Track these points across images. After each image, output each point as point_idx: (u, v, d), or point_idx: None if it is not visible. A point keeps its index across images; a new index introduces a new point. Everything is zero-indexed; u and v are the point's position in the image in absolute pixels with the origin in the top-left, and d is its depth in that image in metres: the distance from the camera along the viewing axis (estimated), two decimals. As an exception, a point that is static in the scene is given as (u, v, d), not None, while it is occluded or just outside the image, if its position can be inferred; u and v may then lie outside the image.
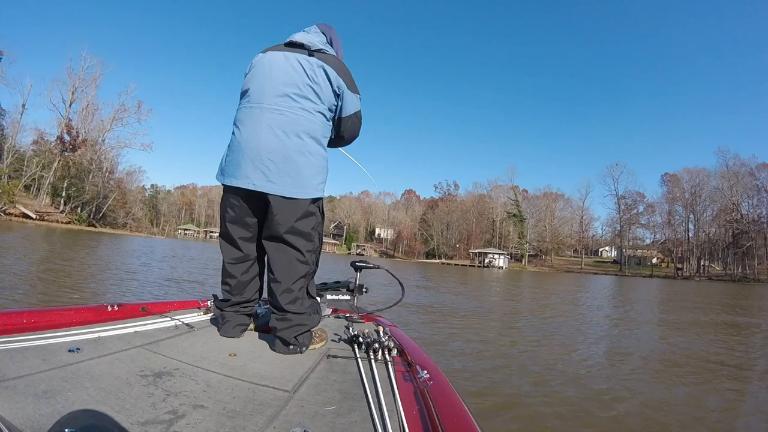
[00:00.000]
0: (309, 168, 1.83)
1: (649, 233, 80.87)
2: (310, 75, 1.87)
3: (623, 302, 15.57)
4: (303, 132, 1.83)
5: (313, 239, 1.89)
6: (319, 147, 1.89)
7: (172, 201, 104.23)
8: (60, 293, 6.59)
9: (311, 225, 1.87)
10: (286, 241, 1.81)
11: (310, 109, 1.86)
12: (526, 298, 14.81)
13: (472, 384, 3.83)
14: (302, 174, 1.81)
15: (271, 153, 1.79)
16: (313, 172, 1.85)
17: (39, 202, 49.16)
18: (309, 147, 1.84)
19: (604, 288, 25.26)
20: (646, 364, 5.20)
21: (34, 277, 7.83)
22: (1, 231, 22.43)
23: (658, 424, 3.22)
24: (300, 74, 1.87)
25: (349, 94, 1.97)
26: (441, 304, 10.08)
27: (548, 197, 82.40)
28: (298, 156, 1.81)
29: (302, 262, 1.84)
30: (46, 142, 54.18)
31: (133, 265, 12.78)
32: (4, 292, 5.96)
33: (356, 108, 2.04)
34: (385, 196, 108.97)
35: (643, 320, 10.09)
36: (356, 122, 2.08)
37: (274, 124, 1.81)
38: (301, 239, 1.83)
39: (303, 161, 1.82)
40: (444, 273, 31.32)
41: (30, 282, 7.17)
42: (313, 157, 1.85)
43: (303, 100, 1.85)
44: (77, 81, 55.23)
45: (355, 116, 2.06)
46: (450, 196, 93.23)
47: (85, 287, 7.47)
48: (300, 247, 1.82)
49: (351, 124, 2.07)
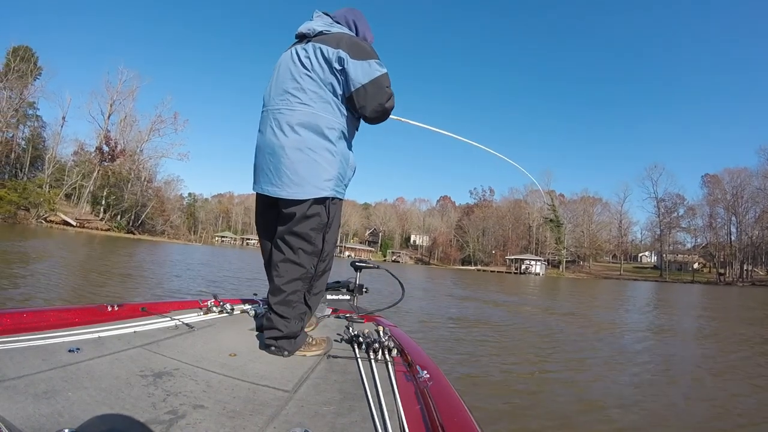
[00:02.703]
0: (307, 165, 1.69)
1: (690, 237, 75.52)
2: (305, 63, 1.75)
3: (680, 312, 13.68)
4: (301, 126, 1.71)
5: (313, 242, 1.73)
6: (322, 140, 1.72)
7: (209, 209, 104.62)
8: (105, 291, 7.14)
9: (310, 226, 1.71)
10: (284, 240, 1.74)
11: (309, 101, 1.73)
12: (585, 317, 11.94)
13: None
14: (299, 172, 1.69)
15: (272, 154, 1.73)
16: (313, 169, 1.69)
17: (79, 210, 49.72)
18: (307, 142, 1.70)
19: (651, 296, 23.13)
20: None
21: (85, 276, 8.80)
22: (43, 237, 22.79)
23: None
24: (297, 66, 1.77)
25: (353, 63, 1.71)
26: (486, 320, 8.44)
27: (585, 201, 78.01)
28: (295, 153, 1.69)
29: (295, 263, 1.72)
30: (85, 152, 55.11)
31: (177, 268, 13.81)
32: (58, 289, 6.64)
33: (369, 76, 1.73)
34: (420, 202, 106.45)
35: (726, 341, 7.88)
36: (375, 91, 1.74)
37: (274, 124, 1.74)
38: (298, 240, 1.71)
39: (300, 158, 1.69)
40: (480, 280, 29.30)
41: (87, 280, 8.14)
42: (314, 153, 1.70)
43: (300, 92, 1.73)
44: (115, 94, 56.56)
45: (371, 84, 1.73)
46: (485, 201, 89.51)
47: (124, 287, 8.06)
48: (294, 248, 1.72)
49: (367, 96, 1.74)
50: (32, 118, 55.03)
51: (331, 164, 1.73)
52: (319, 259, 1.79)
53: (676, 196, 74.64)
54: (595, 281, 50.77)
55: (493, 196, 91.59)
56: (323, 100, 1.74)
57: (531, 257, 71.27)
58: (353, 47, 1.74)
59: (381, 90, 1.76)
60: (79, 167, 52.66)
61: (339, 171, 1.77)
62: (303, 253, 1.72)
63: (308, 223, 1.71)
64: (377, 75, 1.75)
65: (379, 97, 1.77)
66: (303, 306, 1.77)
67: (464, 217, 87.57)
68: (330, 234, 1.80)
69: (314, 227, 1.72)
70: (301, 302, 1.76)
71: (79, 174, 51.58)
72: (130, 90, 57.62)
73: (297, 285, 1.73)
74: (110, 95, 56.12)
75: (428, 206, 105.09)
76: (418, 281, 22.31)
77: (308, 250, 1.73)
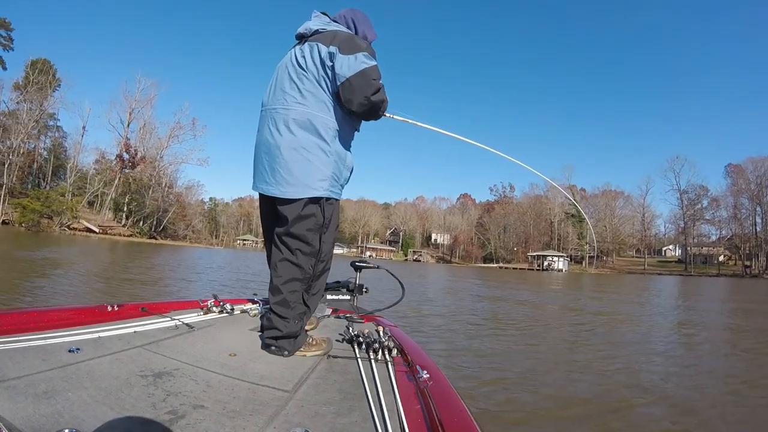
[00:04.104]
0: (301, 164, 1.68)
1: (715, 229, 72.44)
2: (301, 63, 1.74)
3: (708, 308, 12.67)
4: (296, 125, 1.69)
5: (310, 242, 1.71)
6: (316, 139, 1.70)
7: (230, 213, 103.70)
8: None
9: (306, 227, 1.70)
10: (281, 240, 1.72)
11: (304, 100, 1.71)
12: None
13: None
14: (293, 171, 1.68)
15: (268, 153, 1.74)
16: (306, 169, 1.68)
17: (102, 217, 49.76)
18: (302, 141, 1.69)
19: (677, 290, 22.23)
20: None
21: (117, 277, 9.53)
22: (67, 244, 22.48)
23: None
24: (294, 66, 1.76)
25: (340, 57, 1.67)
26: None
27: (607, 195, 74.74)
28: (290, 152, 1.69)
29: (293, 263, 1.70)
30: (106, 160, 55.28)
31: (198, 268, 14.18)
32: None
33: (353, 69, 1.67)
34: (441, 201, 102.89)
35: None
36: (361, 84, 1.67)
37: (271, 123, 1.74)
38: (295, 241, 1.70)
39: (294, 157, 1.68)
40: (502, 278, 28.36)
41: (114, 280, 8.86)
42: (308, 152, 1.69)
43: (296, 92, 1.72)
44: (133, 102, 56.53)
45: (357, 77, 1.66)
46: (506, 198, 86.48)
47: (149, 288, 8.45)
48: (292, 249, 1.70)
49: (352, 89, 1.67)
50: (53, 129, 55.99)
51: (325, 164, 1.70)
52: (318, 260, 1.75)
53: (699, 188, 71.52)
54: (619, 276, 48.90)
55: (513, 192, 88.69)
56: (318, 99, 1.71)
57: (553, 253, 68.93)
58: (344, 42, 1.70)
59: (367, 83, 1.67)
60: (101, 175, 52.84)
61: (334, 171, 1.73)
62: (301, 254, 1.70)
63: (304, 223, 1.69)
64: (363, 67, 1.66)
65: (365, 90, 1.67)
66: (302, 306, 1.74)
67: (485, 214, 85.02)
68: (327, 235, 1.77)
69: (310, 228, 1.70)
70: (300, 302, 1.72)
71: (100, 182, 51.77)
72: (148, 98, 57.64)
73: (295, 285, 1.70)
74: (129, 104, 56.28)
75: (448, 204, 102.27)
76: (440, 281, 21.45)
77: (306, 251, 1.70)
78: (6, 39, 51.45)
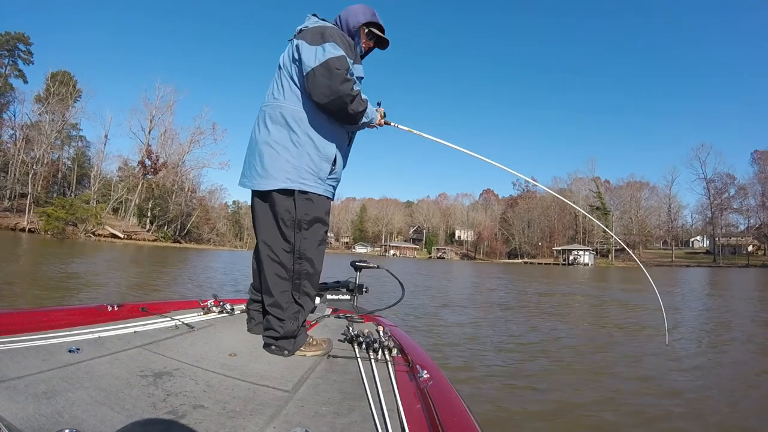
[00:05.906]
0: (270, 157, 1.67)
1: (743, 218, 68.86)
2: (283, 61, 1.75)
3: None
4: (270, 121, 1.70)
5: (287, 239, 1.68)
6: (286, 131, 1.68)
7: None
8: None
9: (279, 220, 1.67)
10: (264, 236, 1.71)
11: (280, 95, 1.72)
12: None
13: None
14: (264, 164, 1.67)
15: (249, 149, 1.76)
16: (275, 162, 1.66)
17: (126, 223, 49.07)
18: (273, 135, 1.69)
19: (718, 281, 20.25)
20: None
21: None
22: (94, 251, 22.12)
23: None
24: (277, 66, 1.79)
25: (306, 48, 1.63)
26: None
27: (632, 186, 71.32)
28: (264, 146, 1.69)
29: (274, 261, 1.69)
30: (129, 167, 54.80)
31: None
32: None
33: (319, 59, 1.60)
34: (463, 197, 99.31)
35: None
36: (324, 74, 1.60)
37: (258, 122, 1.77)
38: (273, 236, 1.69)
39: (266, 151, 1.68)
40: (527, 274, 26.30)
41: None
42: (278, 145, 1.67)
43: (277, 90, 1.74)
44: (153, 109, 55.92)
45: (321, 67, 1.59)
46: (529, 192, 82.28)
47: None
48: (272, 245, 1.69)
49: (315, 79, 1.61)
50: (76, 139, 56.10)
51: (294, 155, 1.66)
52: (295, 257, 1.68)
53: (726, 176, 67.71)
54: (647, 269, 45.70)
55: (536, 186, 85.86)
56: (292, 92, 1.70)
57: (579, 247, 66.01)
58: (311, 34, 1.65)
59: (331, 73, 1.59)
60: (124, 182, 52.21)
61: (308, 163, 1.67)
62: (282, 251, 1.68)
63: (278, 217, 1.67)
64: (328, 57, 1.59)
65: (329, 81, 1.59)
66: (294, 305, 1.69)
67: (508, 209, 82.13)
68: (308, 233, 1.68)
69: (285, 222, 1.66)
70: (292, 302, 1.68)
71: (124, 188, 51.04)
72: (168, 105, 56.82)
73: (284, 285, 1.68)
74: (149, 111, 55.65)
75: (471, 200, 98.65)
76: (465, 279, 19.58)
77: (285, 248, 1.68)
78: (26, 53, 51.56)
